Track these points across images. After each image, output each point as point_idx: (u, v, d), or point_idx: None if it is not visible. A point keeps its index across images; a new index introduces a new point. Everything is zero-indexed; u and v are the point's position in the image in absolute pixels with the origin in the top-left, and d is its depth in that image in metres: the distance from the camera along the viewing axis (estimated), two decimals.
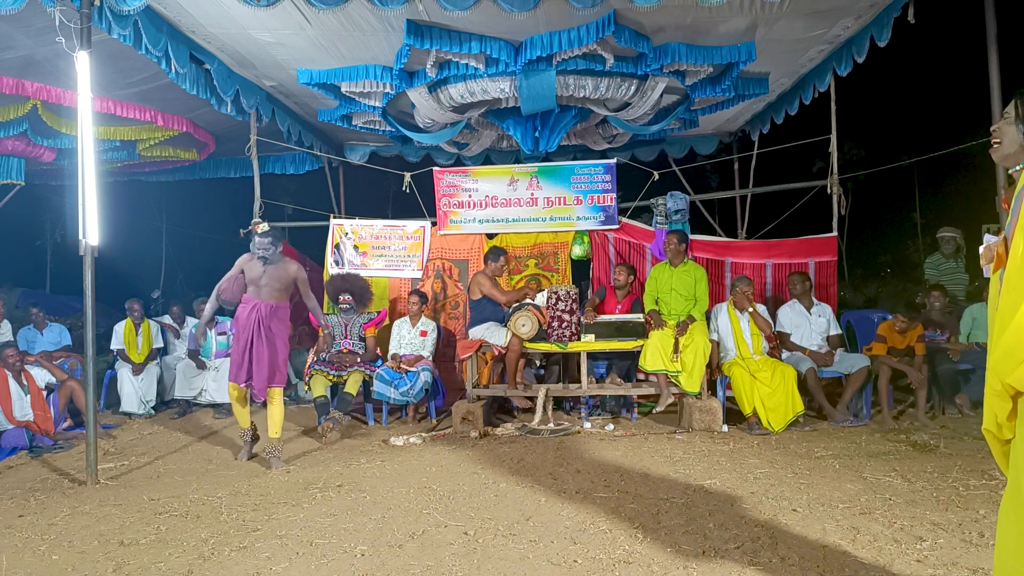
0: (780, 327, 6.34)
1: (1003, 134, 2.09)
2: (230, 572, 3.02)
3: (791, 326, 6.32)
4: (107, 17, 4.71)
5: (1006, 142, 2.08)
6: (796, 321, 6.32)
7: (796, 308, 6.36)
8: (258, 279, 5.01)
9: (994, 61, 5.50)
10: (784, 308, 6.44)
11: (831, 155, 7.39)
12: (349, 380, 6.21)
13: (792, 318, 6.34)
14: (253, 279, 5.02)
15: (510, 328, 6.14)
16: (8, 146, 7.13)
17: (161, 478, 4.72)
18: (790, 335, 6.29)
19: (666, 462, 4.70)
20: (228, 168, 9.67)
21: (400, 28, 5.52)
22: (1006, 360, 1.87)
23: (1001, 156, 2.12)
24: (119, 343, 7.33)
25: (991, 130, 2.15)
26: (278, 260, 5.05)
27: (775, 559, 2.97)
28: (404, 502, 3.94)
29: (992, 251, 2.06)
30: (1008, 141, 2.07)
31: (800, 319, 6.31)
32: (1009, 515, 1.96)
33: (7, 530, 3.67)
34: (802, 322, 6.29)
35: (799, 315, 6.32)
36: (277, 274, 5.03)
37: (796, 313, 6.34)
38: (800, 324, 6.30)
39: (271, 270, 5.01)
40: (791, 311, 6.38)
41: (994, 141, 2.13)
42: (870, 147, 11.85)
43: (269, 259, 5.01)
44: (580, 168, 7.78)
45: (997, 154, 2.14)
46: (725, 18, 5.55)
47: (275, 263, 5.03)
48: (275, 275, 5.02)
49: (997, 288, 2.03)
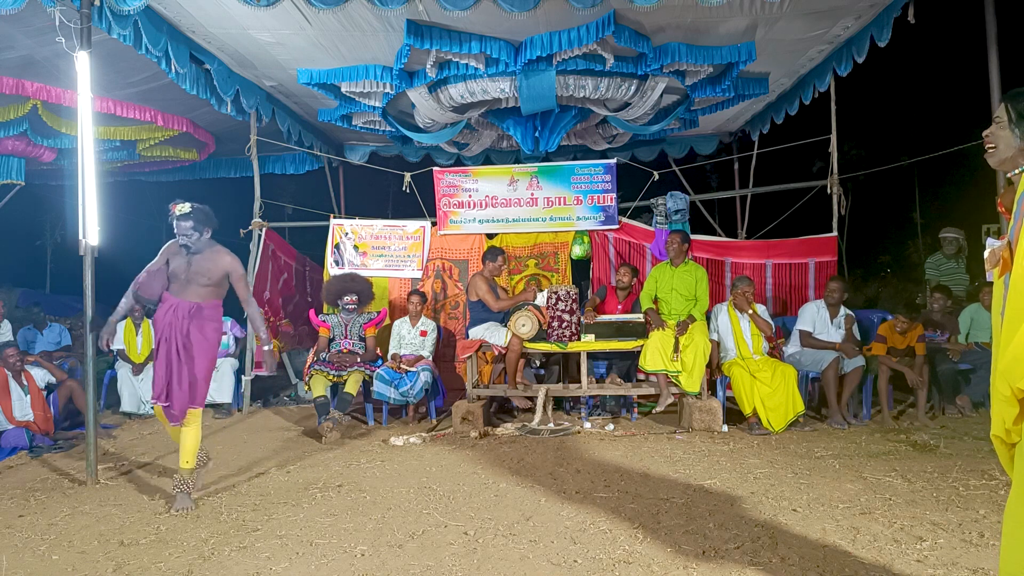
0: (801, 324, 6.26)
1: (997, 139, 2.06)
2: (230, 572, 3.02)
3: (812, 325, 6.24)
4: (107, 17, 4.72)
5: (1002, 147, 2.05)
6: (818, 326, 6.23)
7: (822, 312, 6.24)
8: (180, 273, 4.14)
9: (994, 61, 5.51)
10: (810, 306, 6.31)
11: (831, 155, 7.40)
12: (349, 380, 6.21)
13: (816, 320, 6.24)
14: (175, 273, 4.16)
15: (510, 328, 6.14)
16: (8, 146, 7.14)
17: (161, 478, 4.71)
18: (811, 332, 6.21)
19: (666, 462, 4.70)
20: (228, 168, 9.69)
21: (400, 28, 5.52)
22: (1015, 366, 1.84)
23: (998, 161, 2.08)
24: (119, 343, 7.32)
25: (983, 135, 2.11)
26: (206, 249, 4.16)
27: (775, 559, 2.97)
28: (404, 502, 3.94)
29: (997, 255, 2.02)
30: (1005, 146, 2.03)
31: (822, 324, 6.22)
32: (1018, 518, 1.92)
33: (7, 530, 3.67)
34: (823, 328, 6.21)
35: (822, 320, 6.22)
36: (204, 267, 4.13)
37: (820, 317, 6.23)
38: (821, 331, 6.21)
39: (197, 262, 4.12)
40: (816, 312, 6.25)
41: (988, 146, 2.09)
42: (870, 147, 11.85)
43: (193, 248, 4.11)
44: (580, 168, 7.78)
45: (993, 159, 2.10)
46: (725, 18, 5.56)
47: (201, 253, 4.14)
48: (201, 268, 4.13)
49: (1002, 292, 2.00)
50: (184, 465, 4.07)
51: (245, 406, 7.25)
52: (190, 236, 4.08)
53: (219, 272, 4.16)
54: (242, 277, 4.27)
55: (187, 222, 4.06)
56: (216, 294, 4.22)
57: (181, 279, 4.14)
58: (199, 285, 4.14)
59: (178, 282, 4.15)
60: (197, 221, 4.08)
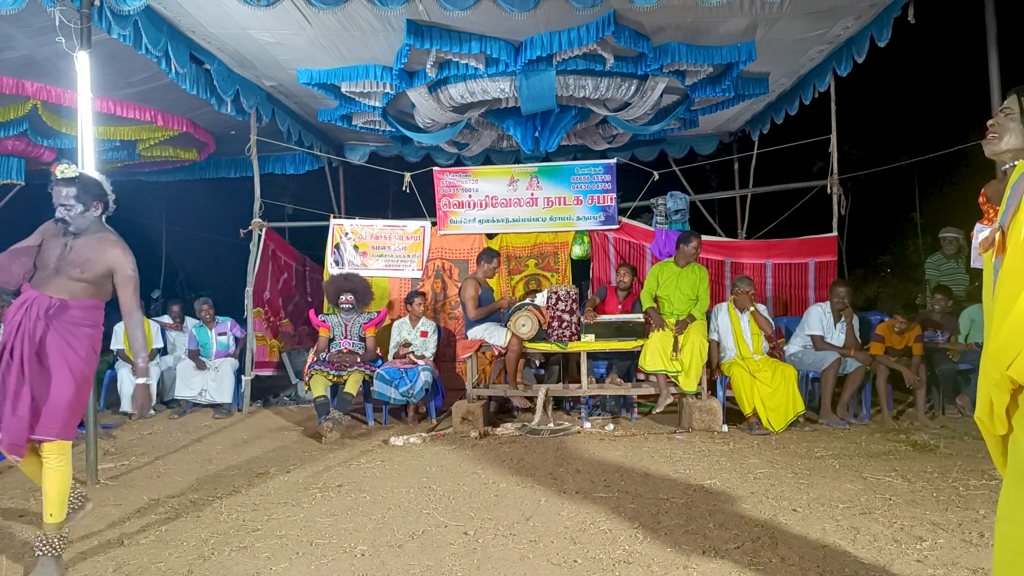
0: (811, 329, 6.28)
1: (1003, 129, 2.05)
2: (230, 572, 3.02)
3: (821, 328, 6.26)
4: (107, 17, 4.72)
5: (1007, 138, 2.04)
6: (824, 328, 6.26)
7: (827, 316, 6.27)
8: (50, 260, 3.09)
9: (994, 61, 5.50)
10: (816, 309, 6.35)
11: (831, 155, 7.40)
12: (349, 380, 6.21)
13: (822, 322, 6.27)
14: (44, 259, 3.11)
15: (510, 328, 6.14)
16: (8, 146, 7.14)
17: (161, 478, 4.71)
18: (823, 337, 6.24)
19: (666, 462, 4.70)
20: (228, 168, 9.69)
21: (400, 28, 5.53)
22: (1005, 349, 1.85)
23: (997, 151, 2.07)
24: (119, 343, 7.32)
25: (988, 124, 2.09)
26: (92, 233, 3.16)
27: (775, 559, 2.97)
28: (404, 502, 3.94)
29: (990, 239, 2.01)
30: (1014, 137, 2.03)
31: (827, 327, 6.26)
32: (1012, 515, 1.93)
33: (7, 530, 3.67)
34: (828, 331, 6.25)
35: (828, 323, 6.26)
36: (83, 256, 3.10)
37: (826, 321, 6.27)
38: (826, 333, 6.25)
39: (77, 248, 3.11)
40: (822, 315, 6.29)
41: (991, 135, 2.08)
42: (870, 147, 11.83)
43: (74, 226, 3.11)
44: (580, 168, 7.78)
45: (991, 147, 2.09)
46: (725, 18, 5.56)
47: (84, 237, 3.14)
48: (79, 257, 3.09)
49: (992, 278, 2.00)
50: (48, 519, 3.02)
51: (245, 406, 7.25)
52: (71, 209, 3.07)
53: (101, 266, 3.11)
54: (130, 280, 3.17)
55: (69, 188, 3.06)
56: (92, 292, 3.14)
57: (50, 268, 3.08)
58: (70, 278, 3.07)
59: (45, 271, 3.09)
60: (84, 191, 3.09)
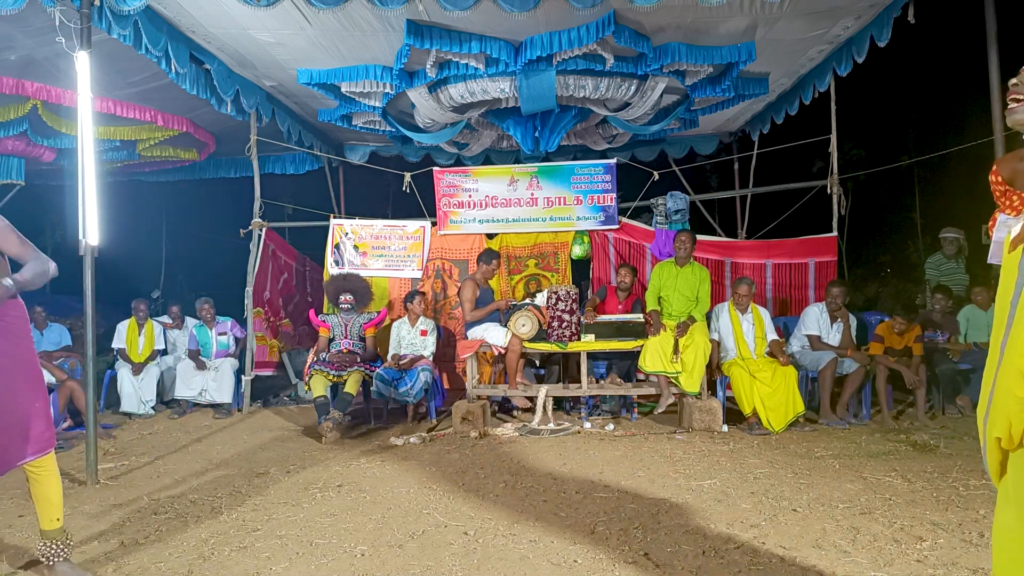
0: (808, 329, 6.28)
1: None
2: (230, 572, 3.02)
3: (818, 328, 6.27)
4: (107, 17, 4.72)
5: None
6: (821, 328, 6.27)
7: (824, 316, 6.28)
8: None
9: (994, 61, 5.50)
10: (812, 310, 6.35)
11: (831, 155, 7.40)
12: (349, 380, 6.21)
13: (820, 322, 6.28)
14: None
15: (510, 328, 6.14)
16: (8, 146, 7.14)
17: (161, 478, 4.71)
18: (819, 337, 6.24)
19: (666, 462, 4.70)
20: (228, 168, 9.70)
21: (400, 28, 5.53)
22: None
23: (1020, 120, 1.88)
24: (120, 342, 7.33)
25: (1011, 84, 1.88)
26: None
27: (775, 559, 2.97)
28: (404, 502, 3.94)
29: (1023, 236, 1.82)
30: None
31: (824, 327, 6.26)
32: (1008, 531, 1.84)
33: (7, 530, 3.67)
34: (824, 331, 6.25)
35: (825, 324, 6.27)
36: None
37: (823, 321, 6.27)
38: (821, 333, 6.25)
39: None
40: (819, 315, 6.29)
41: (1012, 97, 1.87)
42: (870, 147, 11.84)
43: None
44: (580, 168, 7.78)
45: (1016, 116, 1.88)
46: (725, 18, 5.56)
47: None
48: None
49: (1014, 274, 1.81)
50: (55, 524, 2.95)
51: (245, 406, 7.25)
52: None
53: None
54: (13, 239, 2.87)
55: None
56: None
57: None
58: None
59: None
60: None
